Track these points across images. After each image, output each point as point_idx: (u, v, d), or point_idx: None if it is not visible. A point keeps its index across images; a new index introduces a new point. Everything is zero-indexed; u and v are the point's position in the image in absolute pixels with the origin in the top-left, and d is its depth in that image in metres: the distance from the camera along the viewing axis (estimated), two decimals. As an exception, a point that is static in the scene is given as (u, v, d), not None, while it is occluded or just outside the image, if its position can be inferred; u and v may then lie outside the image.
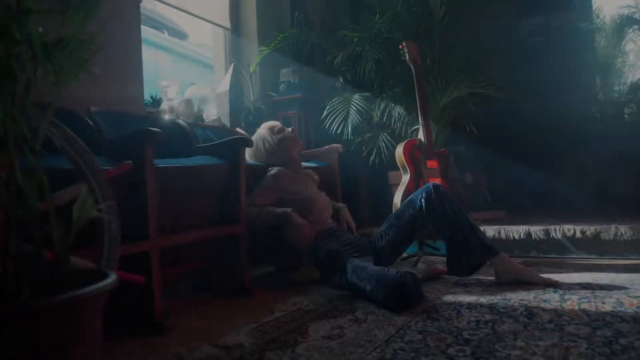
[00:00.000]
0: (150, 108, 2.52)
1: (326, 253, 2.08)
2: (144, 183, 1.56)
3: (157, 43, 7.20)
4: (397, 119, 3.26)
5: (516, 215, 3.45)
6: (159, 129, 1.55)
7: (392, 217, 2.15)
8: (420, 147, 2.66)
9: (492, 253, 1.97)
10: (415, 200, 2.09)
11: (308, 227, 2.07)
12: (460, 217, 2.02)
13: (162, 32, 7.71)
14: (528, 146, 4.13)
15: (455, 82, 3.05)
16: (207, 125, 2.69)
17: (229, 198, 2.05)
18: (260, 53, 3.45)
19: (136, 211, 1.57)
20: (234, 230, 2.02)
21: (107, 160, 1.55)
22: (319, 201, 2.29)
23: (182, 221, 1.85)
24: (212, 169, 1.93)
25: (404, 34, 3.21)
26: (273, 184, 2.24)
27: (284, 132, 2.41)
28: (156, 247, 1.58)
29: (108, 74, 2.17)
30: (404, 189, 2.52)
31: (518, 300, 1.69)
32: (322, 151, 3.09)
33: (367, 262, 1.96)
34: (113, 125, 1.85)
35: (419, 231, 2.12)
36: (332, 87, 3.52)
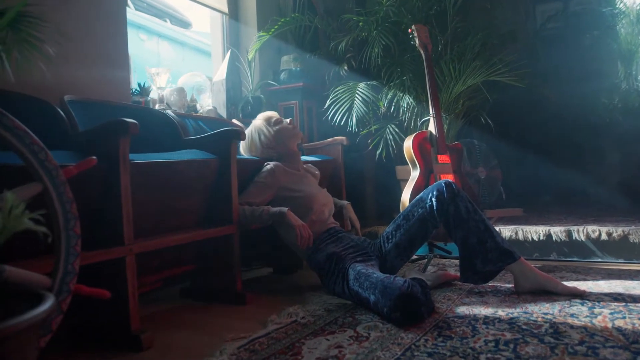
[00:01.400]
0: (138, 97, 2.35)
1: (326, 257, 1.92)
2: (117, 181, 1.39)
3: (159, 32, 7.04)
4: (406, 109, 3.07)
5: (534, 213, 3.27)
6: (133, 120, 1.38)
7: (400, 217, 1.98)
8: (431, 140, 2.48)
9: (511, 259, 1.80)
10: (425, 199, 1.92)
11: (306, 229, 1.90)
12: (475, 218, 1.85)
13: (165, 20, 7.55)
14: (546, 139, 3.95)
15: (469, 69, 2.85)
16: (199, 116, 2.53)
17: (219, 196, 1.89)
18: (259, 39, 3.27)
19: (109, 213, 1.41)
20: (224, 231, 1.86)
21: (79, 155, 1.39)
22: (319, 199, 2.12)
23: (165, 223, 1.69)
24: (199, 164, 1.76)
25: (414, 17, 3.02)
26: (269, 180, 2.07)
27: (281, 124, 2.23)
28: (131, 253, 1.42)
29: (87, 59, 2.02)
30: (413, 185, 2.35)
31: (541, 315, 1.52)
32: (325, 144, 2.92)
33: (372, 268, 1.79)
34: (90, 116, 1.69)
35: (429, 233, 1.94)
36: (336, 76, 3.33)
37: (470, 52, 2.95)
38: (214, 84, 3.13)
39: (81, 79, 1.95)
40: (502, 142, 3.54)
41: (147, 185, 1.55)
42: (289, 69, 3.40)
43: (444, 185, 1.89)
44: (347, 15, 3.25)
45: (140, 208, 1.54)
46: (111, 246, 1.38)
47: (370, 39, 3.12)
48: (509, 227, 2.67)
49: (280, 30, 3.34)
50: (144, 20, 6.65)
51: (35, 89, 1.67)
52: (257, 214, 1.93)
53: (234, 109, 3.14)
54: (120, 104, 1.92)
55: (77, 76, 1.94)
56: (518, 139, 3.74)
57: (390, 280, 1.57)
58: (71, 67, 1.92)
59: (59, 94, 1.74)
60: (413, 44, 2.64)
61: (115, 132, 1.39)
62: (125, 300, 1.41)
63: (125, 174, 1.41)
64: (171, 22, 7.63)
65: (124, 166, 1.41)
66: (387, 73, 3.16)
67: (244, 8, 3.51)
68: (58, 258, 1.06)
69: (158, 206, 1.63)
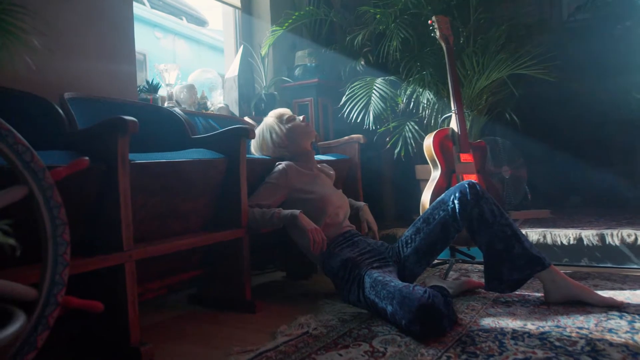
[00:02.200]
0: (146, 94, 2.29)
1: (341, 262, 1.82)
2: (115, 182, 1.32)
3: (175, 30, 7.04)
4: (426, 105, 2.95)
5: (562, 215, 3.12)
6: (133, 118, 1.30)
7: (420, 220, 1.86)
8: (453, 138, 2.36)
9: (541, 266, 1.68)
10: (447, 200, 1.80)
11: (319, 233, 1.81)
12: (501, 222, 1.73)
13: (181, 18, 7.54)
14: (574, 135, 3.78)
15: (493, 62, 2.72)
16: (210, 114, 2.46)
17: (227, 198, 1.81)
18: (273, 34, 3.18)
19: (107, 217, 1.34)
20: (232, 235, 1.77)
21: (76, 155, 1.32)
22: (333, 201, 2.02)
23: (168, 226, 1.61)
24: (205, 164, 1.68)
25: (434, 8, 2.90)
26: (280, 180, 1.98)
27: (294, 121, 2.14)
28: (131, 260, 1.34)
29: (91, 53, 1.95)
30: (434, 186, 2.23)
31: (575, 329, 1.40)
32: (341, 142, 2.83)
33: (389, 275, 1.69)
34: (91, 114, 1.62)
35: (451, 237, 1.82)
36: (352, 71, 3.23)
37: (495, 45, 2.82)
38: (226, 80, 3.06)
39: (84, 74, 1.89)
40: (527, 139, 3.40)
41: (149, 187, 1.48)
42: (304, 65, 3.30)
43: (467, 187, 1.78)
44: (364, 7, 3.14)
45: (141, 211, 1.47)
46: (109, 252, 1.31)
47: (388, 32, 3.01)
48: (536, 231, 2.53)
49: (294, 24, 3.26)
50: (159, 19, 6.62)
51: (36, 86, 1.61)
52: (267, 216, 1.84)
53: (247, 106, 3.06)
54: (124, 101, 1.84)
55: (80, 72, 1.88)
56: (543, 136, 3.58)
57: (409, 289, 1.46)
58: (74, 62, 1.86)
59: (61, 90, 1.68)
60: (433, 37, 2.52)
61: (114, 131, 1.31)
62: (125, 310, 1.34)
63: (125, 175, 1.33)
64: (187, 20, 7.61)
65: (122, 167, 1.33)
66: (406, 67, 3.05)
67: (257, 2, 3.43)
68: (45, 267, 0.98)
69: (161, 209, 1.55)
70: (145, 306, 1.77)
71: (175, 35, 6.85)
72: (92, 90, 1.89)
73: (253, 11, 3.43)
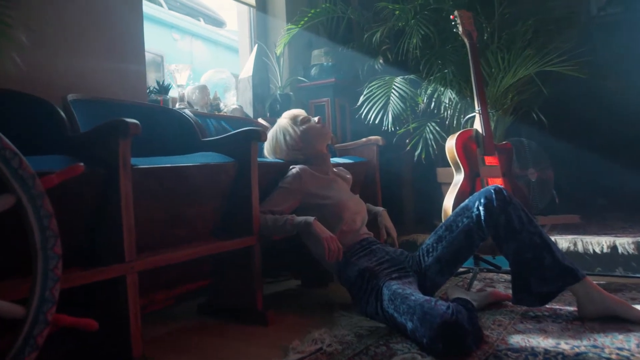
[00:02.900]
0: (156, 95, 2.23)
1: (358, 272, 1.73)
2: (116, 188, 1.25)
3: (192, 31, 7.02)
4: (448, 105, 2.84)
5: (592, 220, 2.98)
6: (134, 120, 1.23)
7: (442, 228, 1.76)
8: (477, 140, 2.25)
9: (573, 278, 1.56)
10: (471, 207, 1.70)
11: (334, 241, 1.72)
12: (530, 230, 1.62)
13: (198, 20, 7.54)
14: (603, 136, 3.62)
15: (520, 59, 2.59)
16: (222, 116, 2.39)
17: (237, 204, 1.73)
18: (288, 32, 3.10)
19: (108, 226, 1.27)
20: (243, 243, 1.69)
21: (76, 160, 1.26)
22: (350, 206, 1.93)
23: (174, 234, 1.54)
24: (214, 168, 1.61)
25: (456, 3, 2.79)
26: (294, 185, 1.90)
27: (309, 122, 2.06)
28: (132, 271, 1.27)
29: (98, 53, 1.90)
30: (457, 191, 2.13)
31: (615, 350, 1.28)
32: (359, 144, 2.73)
33: (409, 286, 1.59)
34: (95, 116, 1.56)
35: (475, 246, 1.72)
36: (370, 70, 3.14)
37: (521, 40, 2.69)
38: (240, 81, 2.99)
39: (91, 74, 1.84)
40: (553, 140, 3.27)
41: (153, 193, 1.41)
42: (320, 64, 3.22)
43: (493, 192, 1.67)
44: (382, 3, 3.04)
45: (145, 218, 1.40)
46: (110, 263, 1.24)
47: (407, 28, 2.91)
48: (566, 238, 2.41)
49: (310, 22, 3.18)
50: (177, 20, 6.62)
51: (39, 86, 1.57)
52: (280, 223, 1.75)
53: (261, 107, 2.99)
54: (131, 103, 1.79)
55: (87, 72, 1.83)
56: (571, 136, 3.44)
57: (431, 305, 1.37)
58: (79, 61, 1.81)
59: (66, 91, 1.62)
60: (455, 33, 2.42)
61: (114, 134, 1.25)
62: (126, 324, 1.27)
63: (126, 181, 1.27)
64: (205, 21, 7.62)
65: (124, 172, 1.26)
66: (427, 66, 2.95)
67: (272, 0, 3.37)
68: (34, 283, 0.92)
69: (166, 215, 1.48)
70: (151, 316, 1.71)
71: (193, 36, 6.83)
72: (100, 91, 1.83)
73: (268, 9, 3.36)
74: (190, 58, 6.61)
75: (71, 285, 1.16)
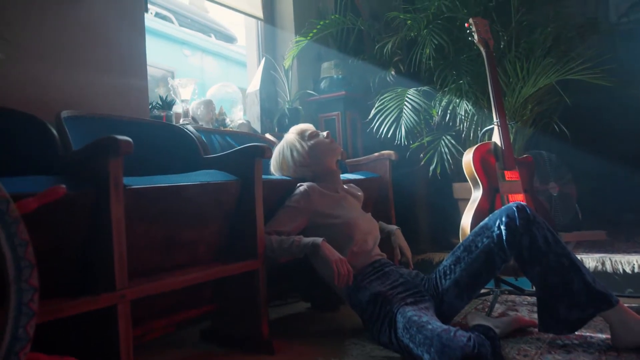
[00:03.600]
0: (159, 111, 2.16)
1: (370, 297, 1.63)
2: (106, 211, 1.17)
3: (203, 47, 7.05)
4: (464, 117, 2.74)
5: (619, 237, 2.84)
6: (126, 137, 1.16)
7: (460, 249, 1.65)
8: (496, 153, 2.14)
9: (606, 304, 1.45)
10: (491, 226, 1.59)
11: (344, 264, 1.61)
12: (557, 251, 1.51)
13: (209, 36, 7.58)
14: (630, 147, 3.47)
15: (539, 67, 2.49)
16: (228, 131, 2.32)
17: (241, 225, 1.64)
18: (296, 44, 3.03)
19: (97, 251, 1.19)
20: (246, 267, 1.60)
21: (65, 181, 1.19)
22: (361, 226, 1.83)
23: (173, 258, 1.45)
24: (215, 187, 1.52)
25: (470, 12, 2.70)
26: (302, 204, 1.81)
27: (317, 137, 1.97)
28: (124, 300, 1.18)
29: (96, 66, 1.84)
30: (475, 208, 2.02)
31: (658, 387, 1.16)
32: (371, 159, 2.65)
33: (425, 312, 1.48)
34: (90, 134, 1.48)
35: (497, 268, 1.60)
36: (382, 82, 3.05)
37: (541, 48, 2.59)
38: (248, 95, 2.93)
39: (89, 90, 1.78)
40: (574, 152, 3.15)
41: (150, 214, 1.33)
42: (330, 77, 3.15)
43: (515, 210, 1.56)
44: (393, 12, 2.96)
45: (140, 242, 1.32)
46: (99, 292, 1.16)
47: (420, 38, 2.82)
48: (593, 256, 2.28)
49: (319, 34, 3.10)
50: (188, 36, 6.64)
51: (34, 103, 1.51)
52: (286, 245, 1.66)
53: (269, 122, 2.92)
54: (130, 119, 1.72)
55: (85, 87, 1.77)
56: (594, 148, 3.30)
57: (450, 335, 1.26)
58: (77, 76, 1.75)
59: (63, 108, 1.56)
60: (470, 42, 2.33)
61: (104, 152, 1.17)
62: (117, 358, 1.18)
63: (118, 203, 1.19)
64: (216, 37, 7.65)
65: (115, 193, 1.18)
66: (441, 76, 2.86)
67: (280, 12, 3.31)
68: (5, 319, 0.83)
69: (163, 239, 1.40)
70: (150, 344, 1.62)
71: (204, 52, 6.86)
72: (99, 107, 1.77)
73: (276, 22, 3.31)
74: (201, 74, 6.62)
75: (56, 317, 1.07)
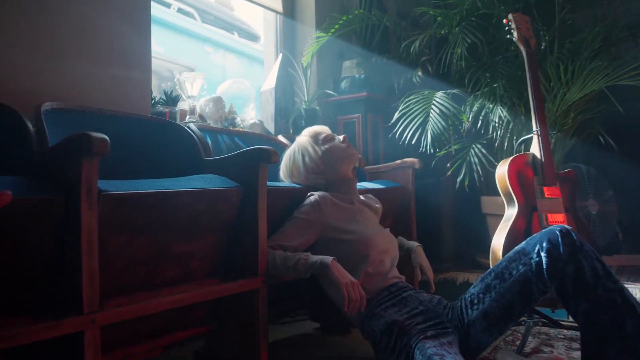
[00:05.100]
0: (162, 107, 2.02)
1: (385, 326, 1.45)
2: (76, 221, 1.01)
3: (225, 44, 6.96)
4: (498, 125, 2.53)
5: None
6: (101, 135, 1.00)
7: (491, 275, 1.46)
8: (534, 167, 1.95)
9: (667, 350, 1.24)
10: (529, 251, 1.39)
11: (356, 288, 1.43)
12: (608, 286, 1.31)
13: (232, 33, 7.50)
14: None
15: (586, 71, 2.27)
16: (237, 131, 2.16)
17: (241, 237, 1.48)
18: (317, 40, 2.87)
19: (65, 267, 1.04)
20: (244, 286, 1.44)
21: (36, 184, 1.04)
22: (378, 243, 1.65)
23: (160, 274, 1.29)
24: (212, 195, 1.36)
25: (508, 8, 2.49)
26: (312, 215, 1.63)
27: (332, 142, 1.80)
28: (93, 326, 1.03)
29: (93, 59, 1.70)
30: (509, 228, 1.82)
31: None
32: (392, 167, 2.45)
33: (448, 348, 1.31)
34: (72, 130, 1.34)
35: (533, 301, 1.40)
36: (407, 83, 2.87)
37: (588, 50, 2.37)
38: (262, 93, 2.78)
39: (84, 82, 1.63)
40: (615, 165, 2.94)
41: (132, 225, 1.17)
42: (352, 77, 2.98)
43: (558, 234, 1.36)
44: (422, 8, 2.78)
45: (121, 256, 1.17)
46: (63, 316, 1.00)
47: (451, 37, 2.64)
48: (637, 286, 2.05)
49: (342, 30, 2.94)
50: (210, 33, 6.57)
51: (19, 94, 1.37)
52: (291, 263, 1.48)
53: (284, 123, 2.77)
54: (124, 114, 1.56)
55: (79, 78, 1.63)
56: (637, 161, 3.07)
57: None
58: (71, 66, 1.60)
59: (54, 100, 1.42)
60: (507, 42, 2.17)
61: (76, 152, 1.02)
62: (82, 394, 1.02)
63: (89, 210, 1.03)
64: (239, 35, 7.56)
65: (87, 200, 1.03)
66: (473, 79, 2.68)
67: (300, 4, 3.16)
68: None
69: (150, 253, 1.24)
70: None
71: (226, 50, 6.79)
72: (94, 102, 1.62)
73: (296, 15, 3.15)
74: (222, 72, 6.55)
75: (9, 345, 0.92)
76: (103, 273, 1.06)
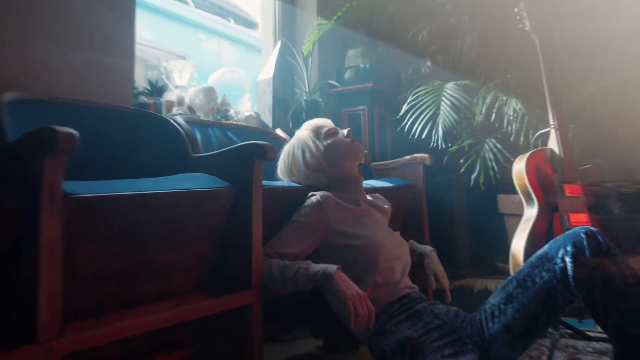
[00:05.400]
0: (146, 98, 1.87)
1: (396, 344, 1.31)
2: (33, 228, 0.86)
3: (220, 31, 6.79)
4: (512, 118, 2.42)
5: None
6: (68, 129, 0.85)
7: (512, 283, 1.33)
8: (553, 163, 1.80)
9: None
10: (552, 256, 1.28)
11: (363, 301, 1.28)
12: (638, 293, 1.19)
13: (228, 20, 7.33)
14: None
15: (605, 62, 2.15)
16: (230, 125, 2.02)
17: (233, 245, 1.33)
18: (318, 28, 2.74)
19: (21, 286, 0.89)
20: (236, 301, 1.28)
21: None
22: (387, 249, 1.50)
23: (137, 289, 1.14)
24: (199, 197, 1.21)
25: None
26: (313, 218, 1.48)
27: (335, 136, 1.65)
28: (52, 356, 0.88)
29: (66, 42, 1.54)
30: (530, 230, 1.69)
31: None
32: (400, 163, 2.31)
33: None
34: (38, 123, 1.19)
35: (559, 310, 1.28)
36: (416, 73, 2.77)
37: (604, 40, 2.26)
38: (259, 83, 2.64)
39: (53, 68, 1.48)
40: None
41: (103, 233, 1.02)
42: (356, 66, 2.86)
43: (583, 237, 1.25)
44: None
45: (89, 269, 1.02)
46: (15, 345, 0.85)
47: (461, 25, 2.51)
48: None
49: (346, 17, 2.81)
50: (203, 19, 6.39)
51: None
52: (289, 273, 1.33)
53: (283, 115, 2.63)
54: (97, 105, 1.41)
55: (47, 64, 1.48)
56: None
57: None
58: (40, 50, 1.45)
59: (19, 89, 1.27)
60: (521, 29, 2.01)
61: (38, 149, 0.87)
62: None
63: (52, 217, 0.88)
64: (235, 21, 7.38)
65: (49, 204, 0.88)
66: (485, 70, 2.56)
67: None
68: None
69: (125, 265, 1.09)
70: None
71: (221, 37, 6.63)
72: (67, 91, 1.47)
73: (296, 0, 3.01)
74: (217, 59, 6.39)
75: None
76: (66, 291, 0.92)
